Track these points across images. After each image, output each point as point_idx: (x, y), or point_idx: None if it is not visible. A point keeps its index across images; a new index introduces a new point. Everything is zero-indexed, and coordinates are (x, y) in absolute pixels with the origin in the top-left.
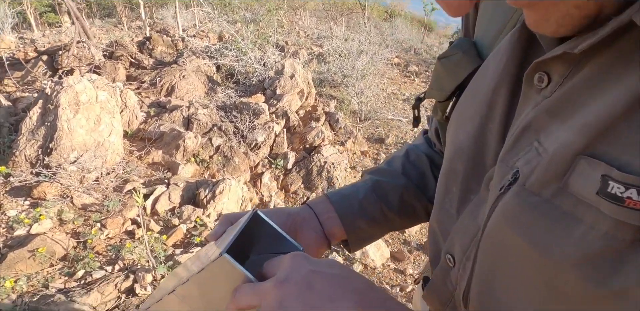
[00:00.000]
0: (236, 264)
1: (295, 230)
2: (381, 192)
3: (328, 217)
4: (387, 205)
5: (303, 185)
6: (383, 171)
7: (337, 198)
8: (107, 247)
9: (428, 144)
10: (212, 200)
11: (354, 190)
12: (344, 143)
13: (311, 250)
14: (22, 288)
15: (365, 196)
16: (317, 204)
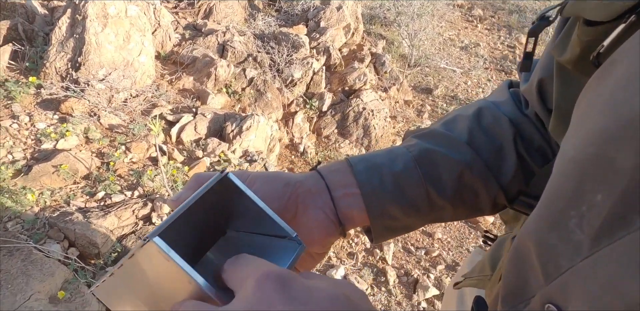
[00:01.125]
0: (173, 257)
1: (296, 208)
2: (430, 167)
3: (345, 194)
4: (435, 187)
5: (337, 131)
6: (438, 136)
7: (362, 167)
8: (129, 171)
9: (515, 103)
10: (239, 135)
11: (390, 158)
12: (387, 89)
13: (315, 238)
14: (45, 201)
15: (406, 170)
16: (332, 173)
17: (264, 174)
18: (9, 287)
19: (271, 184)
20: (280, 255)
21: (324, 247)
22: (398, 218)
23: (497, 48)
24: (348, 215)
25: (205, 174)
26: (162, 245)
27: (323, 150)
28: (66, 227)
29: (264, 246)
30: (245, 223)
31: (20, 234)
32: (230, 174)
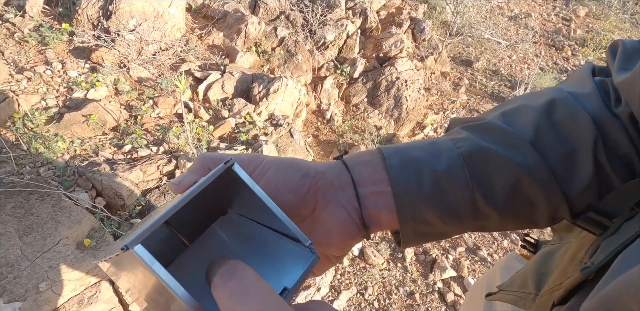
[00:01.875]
0: (155, 270)
1: (315, 203)
2: (481, 168)
3: (374, 192)
4: (484, 193)
5: (366, 99)
6: (494, 130)
7: (397, 160)
8: (155, 126)
9: (602, 98)
10: (266, 97)
11: (432, 153)
12: (424, 58)
13: (334, 240)
14: (75, 150)
15: (450, 169)
16: (361, 165)
17: (279, 160)
18: (40, 231)
19: (287, 173)
20: (288, 260)
21: (342, 250)
22: (433, 224)
23: (550, 20)
24: (374, 216)
25: (212, 156)
26: (144, 255)
27: (350, 118)
28: (94, 177)
29: (269, 243)
30: (250, 211)
31: (51, 180)
32: (236, 166)
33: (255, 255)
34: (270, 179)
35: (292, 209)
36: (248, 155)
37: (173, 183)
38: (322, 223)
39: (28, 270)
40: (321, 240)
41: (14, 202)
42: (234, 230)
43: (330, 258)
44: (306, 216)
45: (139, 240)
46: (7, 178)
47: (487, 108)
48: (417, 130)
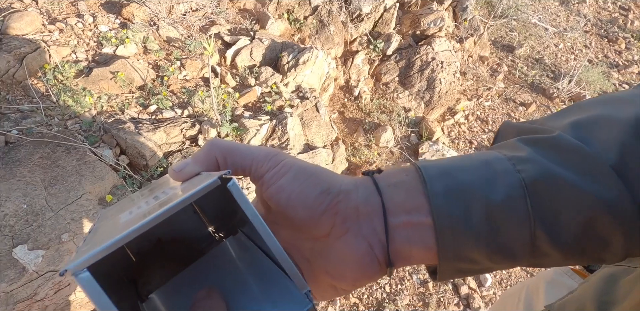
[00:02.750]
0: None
1: (331, 227)
2: (547, 199)
3: (408, 223)
4: (548, 230)
5: (398, 79)
6: (566, 149)
7: (442, 186)
8: (181, 89)
9: None
10: (294, 68)
11: (486, 177)
12: (463, 40)
13: (347, 275)
14: (102, 106)
15: (509, 201)
16: (395, 187)
17: (299, 166)
18: (64, 183)
19: (304, 185)
20: (282, 299)
21: (353, 286)
22: (479, 262)
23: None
24: (404, 252)
25: (221, 145)
26: (88, 284)
27: (379, 97)
28: (119, 134)
29: (267, 275)
30: (254, 235)
31: (77, 134)
32: (232, 184)
33: (250, 287)
34: (283, 187)
35: (302, 226)
36: (265, 151)
37: (174, 169)
38: (335, 252)
39: (52, 220)
40: (332, 270)
41: (41, 152)
42: (239, 252)
43: (338, 290)
44: (319, 237)
45: (86, 263)
46: (37, 128)
47: (525, 99)
48: (448, 115)
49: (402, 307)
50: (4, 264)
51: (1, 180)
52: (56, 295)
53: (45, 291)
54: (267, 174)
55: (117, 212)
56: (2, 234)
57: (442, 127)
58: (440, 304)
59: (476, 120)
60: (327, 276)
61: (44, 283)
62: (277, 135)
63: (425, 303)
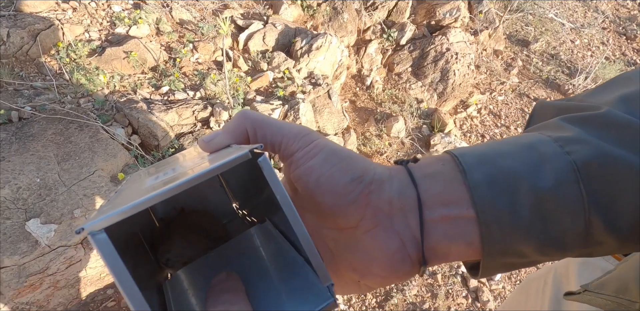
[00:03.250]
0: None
1: (358, 220)
2: (604, 183)
3: (446, 217)
4: (604, 217)
5: (411, 69)
6: (619, 126)
7: (483, 174)
8: (194, 71)
9: None
10: (307, 54)
11: (532, 162)
12: (477, 32)
13: (374, 271)
14: (115, 86)
15: (559, 187)
16: (430, 178)
17: (332, 149)
18: (77, 159)
19: (335, 169)
20: (303, 291)
21: (380, 285)
22: (527, 256)
23: (624, 5)
24: (441, 249)
25: (252, 116)
26: (104, 245)
27: (391, 88)
28: (131, 113)
29: (290, 266)
30: (281, 220)
31: (90, 112)
32: (263, 159)
33: (271, 276)
34: (312, 169)
35: (328, 214)
36: (297, 128)
37: (203, 140)
38: (363, 247)
39: (64, 195)
40: (357, 266)
41: (54, 128)
42: (264, 241)
43: (361, 286)
44: (345, 228)
45: (104, 224)
46: (50, 105)
47: (540, 94)
48: (460, 108)
49: (410, 297)
50: (17, 237)
51: (15, 154)
52: (67, 270)
53: (57, 266)
54: (297, 153)
55: (144, 176)
56: (15, 207)
57: (454, 119)
58: (448, 296)
59: (489, 114)
60: (351, 271)
61: (56, 258)
62: (288, 120)
63: (433, 295)
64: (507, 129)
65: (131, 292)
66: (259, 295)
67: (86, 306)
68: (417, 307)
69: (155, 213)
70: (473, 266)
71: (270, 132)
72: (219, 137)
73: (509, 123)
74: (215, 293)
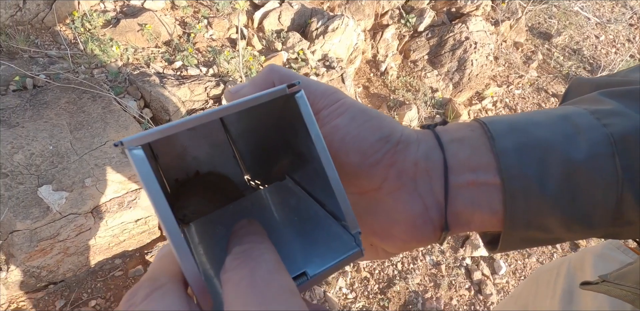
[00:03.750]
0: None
1: (382, 181)
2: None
3: (472, 183)
4: (638, 194)
5: (427, 57)
6: None
7: (512, 141)
8: (207, 47)
9: None
10: (323, 36)
11: (565, 133)
12: (498, 23)
13: (395, 235)
14: (128, 58)
15: (592, 160)
16: (457, 143)
17: (359, 108)
18: (89, 129)
19: (363, 127)
20: (326, 243)
21: (400, 249)
22: (552, 231)
23: None
24: (464, 215)
25: (281, 70)
26: (141, 162)
27: (406, 75)
28: (144, 86)
29: (312, 219)
30: (305, 175)
31: (103, 83)
32: (301, 95)
33: (292, 228)
34: (338, 127)
35: (351, 174)
36: (324, 86)
37: (230, 91)
38: (385, 210)
39: (76, 164)
40: (378, 229)
41: (67, 97)
42: (283, 197)
43: (379, 251)
44: (367, 190)
45: (142, 140)
46: (64, 74)
47: (558, 90)
48: (475, 100)
49: (412, 286)
50: (29, 202)
51: (29, 120)
52: (77, 237)
53: (67, 232)
54: (323, 111)
55: None
56: (28, 172)
57: (469, 111)
58: (451, 287)
59: (504, 107)
60: (371, 234)
61: (67, 225)
62: None
63: (436, 284)
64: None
65: (164, 211)
66: (281, 244)
67: (94, 274)
68: (419, 295)
69: (169, 178)
70: (491, 240)
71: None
72: (246, 88)
73: None
74: (239, 236)
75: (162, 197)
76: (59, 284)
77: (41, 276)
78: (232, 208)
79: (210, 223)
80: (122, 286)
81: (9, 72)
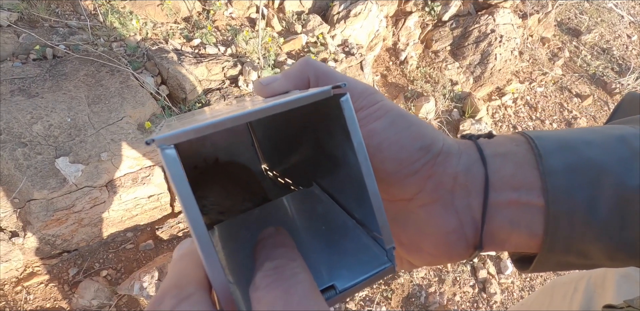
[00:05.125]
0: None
1: (416, 192)
2: None
3: (513, 202)
4: None
5: (449, 48)
6: None
7: (562, 161)
8: (226, 26)
9: None
10: (344, 20)
11: (620, 155)
12: (526, 16)
13: (424, 249)
14: (147, 32)
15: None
16: (501, 158)
17: (398, 112)
18: (107, 103)
19: (402, 135)
20: (355, 256)
21: (426, 263)
22: (591, 257)
23: None
24: (500, 235)
25: (317, 65)
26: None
27: (426, 65)
28: (161, 63)
29: (341, 230)
30: (334, 181)
31: (122, 57)
32: (346, 98)
33: (319, 237)
34: (376, 131)
35: (383, 182)
36: (363, 86)
37: (261, 82)
38: (415, 222)
39: (92, 137)
40: (405, 241)
41: (86, 69)
42: (310, 204)
43: (403, 263)
44: (397, 199)
45: (175, 139)
46: (83, 46)
47: (582, 90)
48: (495, 95)
49: (417, 279)
50: (47, 172)
51: (48, 91)
52: (92, 209)
53: (82, 204)
54: (359, 112)
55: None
56: (46, 143)
57: (488, 106)
58: (455, 283)
59: (525, 105)
60: (398, 245)
61: (82, 197)
62: None
63: (440, 280)
64: (541, 123)
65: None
66: (307, 253)
67: (106, 246)
68: (422, 289)
69: (188, 165)
70: (522, 258)
71: (321, 72)
72: (278, 81)
73: (544, 117)
74: (268, 247)
75: (193, 200)
76: (72, 252)
77: (56, 244)
78: (256, 213)
79: (234, 228)
80: (133, 259)
81: (29, 40)
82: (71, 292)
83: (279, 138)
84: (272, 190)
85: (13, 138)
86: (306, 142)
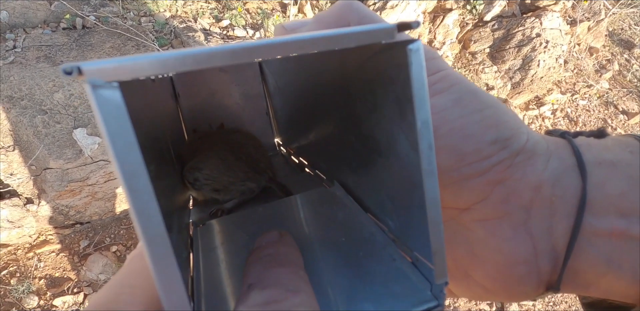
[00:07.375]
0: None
1: (478, 200)
2: None
3: (620, 233)
4: None
5: (489, 50)
6: None
7: None
8: (257, 9)
9: None
10: (380, 12)
11: None
12: (576, 22)
13: (475, 278)
14: (177, 10)
15: None
16: (608, 169)
17: (469, 86)
18: None
19: (472, 119)
20: (381, 282)
21: (474, 297)
22: None
23: None
24: (588, 276)
25: (362, 8)
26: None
27: (461, 67)
28: (188, 42)
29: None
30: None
31: (149, 33)
32: (417, 48)
33: (337, 251)
34: (434, 109)
35: (439, 179)
36: (425, 48)
37: (285, 27)
38: (468, 240)
39: None
40: (450, 264)
41: (112, 42)
42: (329, 208)
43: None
44: (447, 205)
45: (123, 74)
46: (112, 18)
47: (630, 107)
48: (533, 105)
49: None
50: (64, 142)
51: (73, 60)
52: (105, 184)
53: (97, 178)
54: None
55: None
56: (66, 113)
57: (524, 116)
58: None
59: (564, 117)
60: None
61: (96, 170)
62: None
63: None
64: None
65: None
66: (320, 276)
67: (119, 221)
68: None
69: (186, 125)
70: (595, 302)
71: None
72: (308, 26)
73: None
74: (263, 263)
75: (147, 179)
76: (85, 224)
77: (69, 215)
78: (261, 211)
79: (236, 224)
80: None
81: (61, 8)
82: (80, 264)
83: (300, 107)
84: (283, 169)
85: (34, 104)
86: (335, 115)
